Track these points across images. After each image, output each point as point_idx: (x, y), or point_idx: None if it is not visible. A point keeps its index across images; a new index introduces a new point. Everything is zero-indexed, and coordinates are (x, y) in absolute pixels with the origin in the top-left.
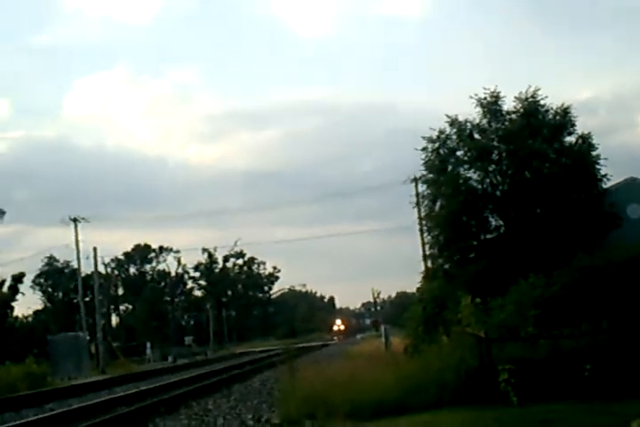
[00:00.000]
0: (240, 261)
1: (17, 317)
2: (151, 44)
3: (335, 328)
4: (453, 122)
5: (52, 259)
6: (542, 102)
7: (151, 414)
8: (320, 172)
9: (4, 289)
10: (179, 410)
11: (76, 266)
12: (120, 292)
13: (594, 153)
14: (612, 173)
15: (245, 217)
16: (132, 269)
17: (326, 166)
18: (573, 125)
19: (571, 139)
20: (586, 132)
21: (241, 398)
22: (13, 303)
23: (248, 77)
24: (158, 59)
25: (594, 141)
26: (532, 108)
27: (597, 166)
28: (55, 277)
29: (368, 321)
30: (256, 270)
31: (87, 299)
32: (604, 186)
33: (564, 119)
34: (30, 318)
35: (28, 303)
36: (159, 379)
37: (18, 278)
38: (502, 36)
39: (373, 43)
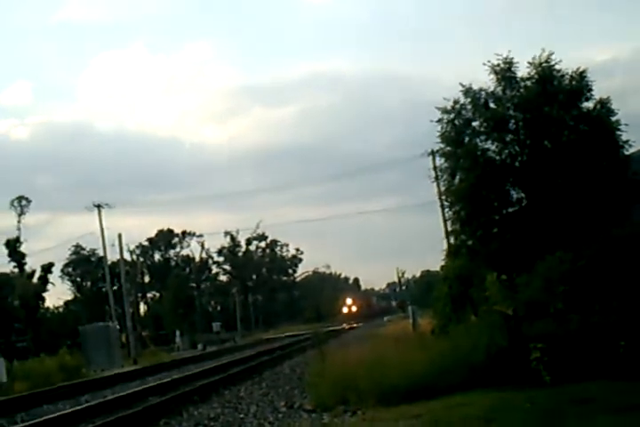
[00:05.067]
0: (263, 244)
1: (48, 308)
2: (165, 20)
3: (345, 310)
4: (467, 91)
5: (78, 247)
6: (557, 67)
7: (184, 402)
8: (340, 147)
9: (35, 280)
10: (211, 398)
11: (101, 254)
12: (146, 279)
13: (613, 118)
14: (634, 139)
15: (265, 197)
16: (157, 256)
17: (345, 141)
18: (590, 90)
19: (588, 104)
20: (604, 96)
21: (272, 385)
22: (44, 294)
23: (262, 52)
24: (173, 36)
25: (613, 106)
26: (546, 73)
27: (618, 132)
28: (83, 266)
29: (382, 304)
30: (279, 253)
31: (115, 287)
32: (626, 153)
33: (580, 84)
34: (61, 309)
35: (57, 294)
36: (190, 367)
37: (47, 269)
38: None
39: (383, 11)
